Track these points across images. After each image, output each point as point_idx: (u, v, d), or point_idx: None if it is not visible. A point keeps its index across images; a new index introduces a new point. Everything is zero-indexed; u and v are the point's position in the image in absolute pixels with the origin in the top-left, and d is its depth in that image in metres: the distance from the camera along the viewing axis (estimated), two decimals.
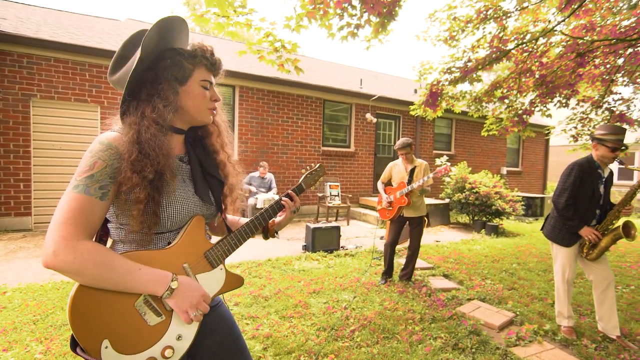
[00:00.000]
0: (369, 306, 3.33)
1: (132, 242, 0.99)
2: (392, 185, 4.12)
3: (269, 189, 6.96)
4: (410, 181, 3.87)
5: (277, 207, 1.27)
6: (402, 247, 5.42)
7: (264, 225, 1.24)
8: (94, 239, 0.94)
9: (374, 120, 9.08)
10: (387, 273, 4.05)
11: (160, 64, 1.02)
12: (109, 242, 1.05)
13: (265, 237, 1.37)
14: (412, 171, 3.91)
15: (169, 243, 1.03)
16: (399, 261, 4.76)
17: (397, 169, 4.08)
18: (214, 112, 1.13)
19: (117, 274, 0.88)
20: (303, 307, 3.25)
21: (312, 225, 5.25)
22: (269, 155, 8.01)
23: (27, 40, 5.54)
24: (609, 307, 2.79)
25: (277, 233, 1.38)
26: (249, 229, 1.19)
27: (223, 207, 1.21)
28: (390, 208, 3.96)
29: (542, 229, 3.08)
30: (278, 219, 1.35)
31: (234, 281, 1.15)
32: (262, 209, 1.34)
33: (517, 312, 3.29)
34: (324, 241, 5.23)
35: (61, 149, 6.00)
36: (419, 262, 4.78)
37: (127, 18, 9.81)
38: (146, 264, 0.94)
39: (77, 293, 0.87)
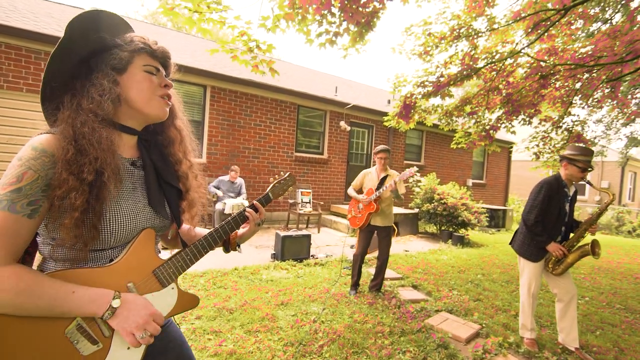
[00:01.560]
0: (338, 319, 3.25)
1: (66, 259, 0.84)
2: (362, 193, 4.11)
3: (239, 194, 6.74)
4: (379, 188, 3.89)
5: (240, 218, 1.17)
6: (372, 256, 5.41)
7: (224, 238, 1.13)
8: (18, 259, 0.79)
9: (348, 128, 9.12)
10: (357, 284, 4.01)
11: (94, 58, 0.90)
12: (38, 257, 0.90)
13: (226, 251, 1.25)
14: (383, 179, 3.93)
15: (111, 260, 0.89)
16: (369, 271, 4.74)
17: (369, 177, 4.08)
18: (167, 102, 0.98)
19: (44, 301, 0.74)
20: (270, 320, 3.11)
21: (282, 233, 5.12)
22: (239, 159, 7.79)
23: None
24: (570, 319, 2.89)
25: (239, 246, 1.28)
26: (207, 243, 1.07)
27: (180, 219, 1.08)
28: (360, 215, 3.93)
29: (510, 243, 3.16)
30: (241, 231, 1.24)
31: (187, 301, 1.03)
32: (230, 214, 1.24)
33: (483, 324, 3.34)
34: (293, 250, 5.11)
35: (8, 143, 5.48)
36: (389, 272, 4.78)
37: (91, 7, 9.26)
38: (83, 284, 0.81)
39: None
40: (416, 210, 8.62)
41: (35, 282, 0.74)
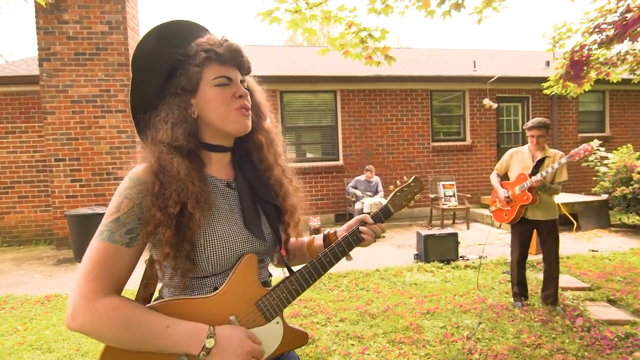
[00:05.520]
0: (499, 338, 2.70)
1: (176, 286, 0.85)
2: (508, 180, 3.34)
3: (375, 192, 6.70)
4: (535, 173, 3.05)
5: (353, 239, 0.99)
6: (534, 259, 4.36)
7: (335, 263, 0.97)
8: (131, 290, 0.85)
9: (494, 105, 7.80)
10: (522, 294, 3.28)
11: (169, 81, 0.88)
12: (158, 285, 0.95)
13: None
14: (541, 162, 3.07)
15: (216, 289, 0.85)
16: (537, 277, 3.84)
17: (519, 157, 3.26)
18: (246, 113, 0.89)
19: (140, 334, 0.74)
20: (415, 330, 2.85)
21: (424, 232, 4.73)
22: (374, 157, 7.71)
23: None
24: None
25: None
26: (315, 270, 0.93)
27: (284, 236, 1.00)
28: (509, 208, 3.18)
29: None
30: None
31: (294, 338, 0.92)
32: (369, 213, 1.07)
33: None
34: (438, 250, 4.64)
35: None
36: (571, 280, 3.78)
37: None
38: (186, 315, 0.79)
39: (105, 354, 0.77)
40: (604, 197, 6.64)
41: (133, 315, 0.75)
